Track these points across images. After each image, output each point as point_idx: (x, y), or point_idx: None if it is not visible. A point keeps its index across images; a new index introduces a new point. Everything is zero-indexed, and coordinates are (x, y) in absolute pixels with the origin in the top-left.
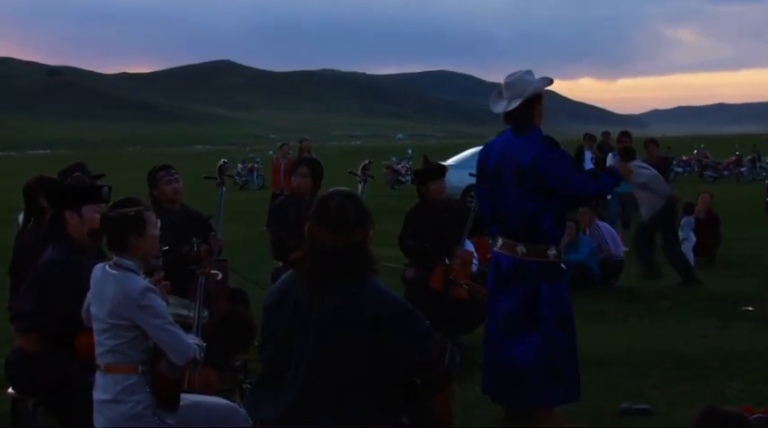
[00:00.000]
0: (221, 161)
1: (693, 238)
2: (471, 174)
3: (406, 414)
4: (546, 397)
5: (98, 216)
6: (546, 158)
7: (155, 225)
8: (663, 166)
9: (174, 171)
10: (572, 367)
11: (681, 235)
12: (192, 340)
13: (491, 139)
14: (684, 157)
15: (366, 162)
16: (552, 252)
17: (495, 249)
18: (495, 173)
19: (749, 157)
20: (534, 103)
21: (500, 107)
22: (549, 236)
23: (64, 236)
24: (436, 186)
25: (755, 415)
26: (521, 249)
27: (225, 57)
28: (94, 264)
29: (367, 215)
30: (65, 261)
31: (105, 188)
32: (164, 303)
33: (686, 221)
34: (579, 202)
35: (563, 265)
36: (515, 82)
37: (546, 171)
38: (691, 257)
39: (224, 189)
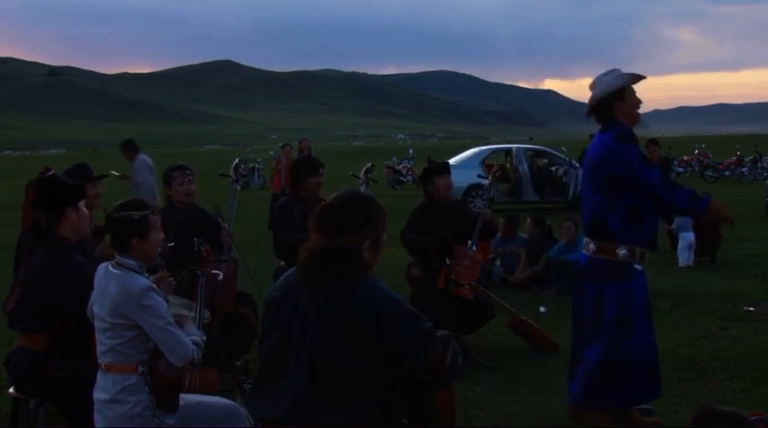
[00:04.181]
0: (236, 160)
1: (692, 236)
2: (479, 176)
3: (407, 415)
4: (601, 400)
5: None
6: (612, 151)
7: (159, 229)
8: (664, 167)
9: (188, 172)
10: (631, 372)
11: (674, 231)
12: (193, 334)
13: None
14: (685, 158)
15: (369, 165)
16: (622, 251)
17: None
18: (586, 173)
19: (750, 158)
20: (613, 102)
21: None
22: (617, 234)
23: (51, 236)
24: (443, 181)
25: (755, 417)
26: (591, 247)
27: (225, 58)
28: (85, 261)
29: (366, 221)
30: (58, 260)
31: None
32: (165, 303)
33: (683, 219)
34: (657, 205)
35: (638, 266)
36: (592, 85)
37: (611, 161)
38: (690, 255)
39: (238, 187)
